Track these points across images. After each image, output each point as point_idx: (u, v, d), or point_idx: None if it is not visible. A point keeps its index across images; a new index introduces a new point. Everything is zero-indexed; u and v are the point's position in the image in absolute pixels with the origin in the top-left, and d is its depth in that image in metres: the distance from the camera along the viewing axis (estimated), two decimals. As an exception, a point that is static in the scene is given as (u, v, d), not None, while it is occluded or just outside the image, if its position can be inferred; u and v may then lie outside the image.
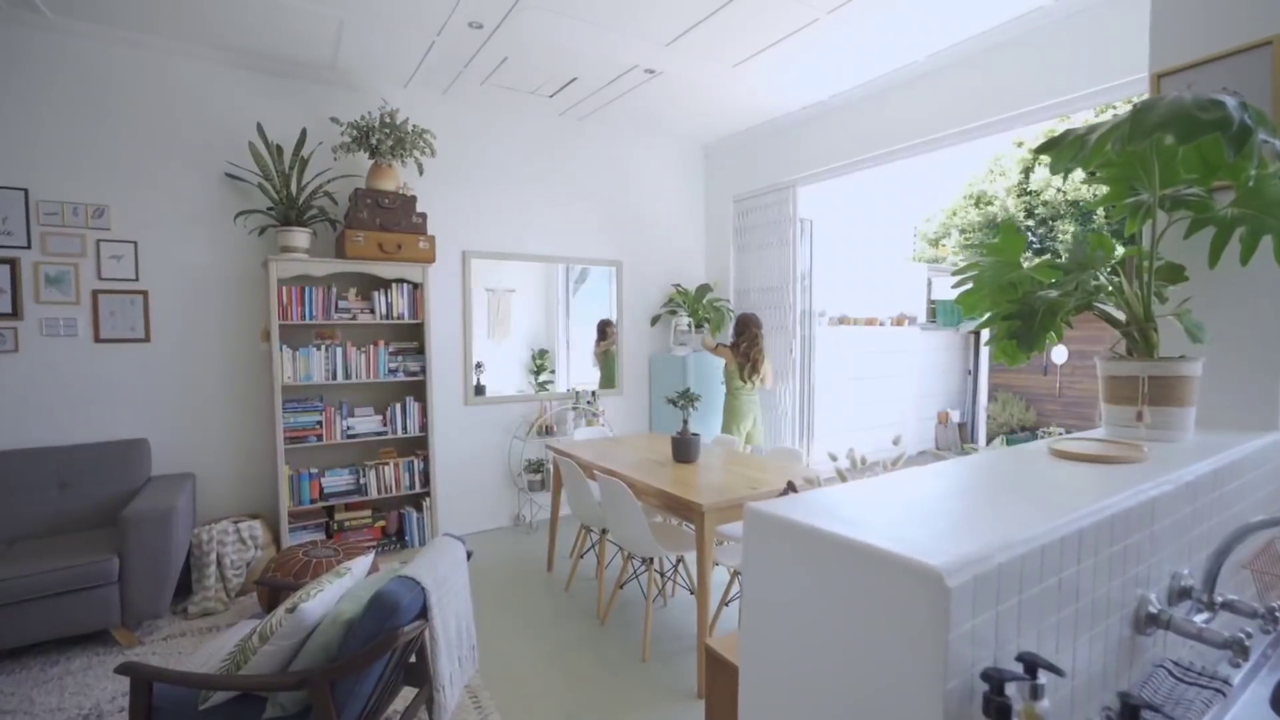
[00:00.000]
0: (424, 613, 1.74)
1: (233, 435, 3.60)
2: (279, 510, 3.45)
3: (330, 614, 1.68)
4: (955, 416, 8.23)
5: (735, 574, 2.65)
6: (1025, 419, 7.92)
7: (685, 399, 3.06)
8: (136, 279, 3.35)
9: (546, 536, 3.99)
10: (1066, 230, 9.74)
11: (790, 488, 1.10)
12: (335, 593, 1.76)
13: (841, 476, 1.07)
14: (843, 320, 7.15)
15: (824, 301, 5.90)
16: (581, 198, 4.78)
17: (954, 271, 1.56)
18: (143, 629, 2.87)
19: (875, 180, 7.92)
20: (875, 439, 7.52)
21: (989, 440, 7.89)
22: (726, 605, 2.75)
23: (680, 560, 3.00)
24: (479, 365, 4.43)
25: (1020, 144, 12.41)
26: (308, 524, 3.61)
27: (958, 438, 8.19)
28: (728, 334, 4.77)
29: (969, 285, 1.53)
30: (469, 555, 2.11)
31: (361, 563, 1.96)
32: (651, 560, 2.77)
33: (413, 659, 2.01)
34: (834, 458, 1.23)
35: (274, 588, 2.17)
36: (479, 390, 4.42)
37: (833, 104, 4.17)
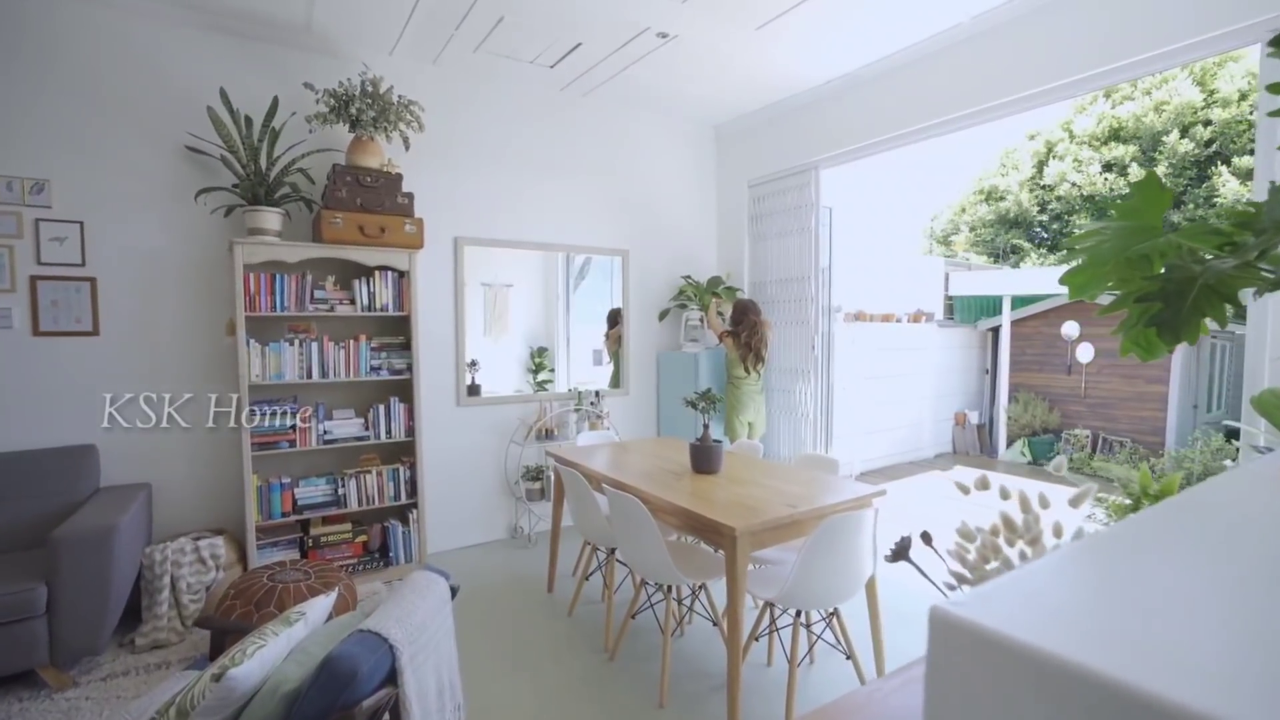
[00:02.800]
0: (393, 677, 1.36)
1: (194, 441, 3.21)
2: (246, 525, 3.07)
3: (272, 679, 1.31)
4: (974, 418, 7.88)
5: (767, 606, 2.28)
6: (1048, 420, 7.56)
7: (706, 400, 2.68)
8: (82, 264, 2.96)
9: (547, 551, 3.61)
10: (1082, 225, 9.38)
11: (925, 539, 0.72)
12: (280, 649, 1.39)
13: (1011, 528, 0.70)
14: (859, 316, 6.78)
15: (839, 296, 5.52)
16: (585, 181, 4.39)
17: (1066, 243, 1.18)
18: (79, 667, 2.48)
19: (891, 170, 7.57)
20: (891, 442, 7.16)
21: (1009, 444, 7.53)
22: (756, 640, 2.37)
23: (702, 587, 2.62)
24: (473, 363, 4.04)
25: (1032, 137, 12.10)
26: (279, 540, 3.22)
27: (976, 440, 7.83)
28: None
29: (1078, 261, 1.17)
30: (454, 592, 1.74)
31: (319, 606, 1.58)
32: (670, 588, 2.39)
33: (386, 717, 1.64)
34: (965, 490, 0.85)
35: (219, 630, 1.80)
36: (473, 390, 4.04)
37: (863, 76, 3.79)
